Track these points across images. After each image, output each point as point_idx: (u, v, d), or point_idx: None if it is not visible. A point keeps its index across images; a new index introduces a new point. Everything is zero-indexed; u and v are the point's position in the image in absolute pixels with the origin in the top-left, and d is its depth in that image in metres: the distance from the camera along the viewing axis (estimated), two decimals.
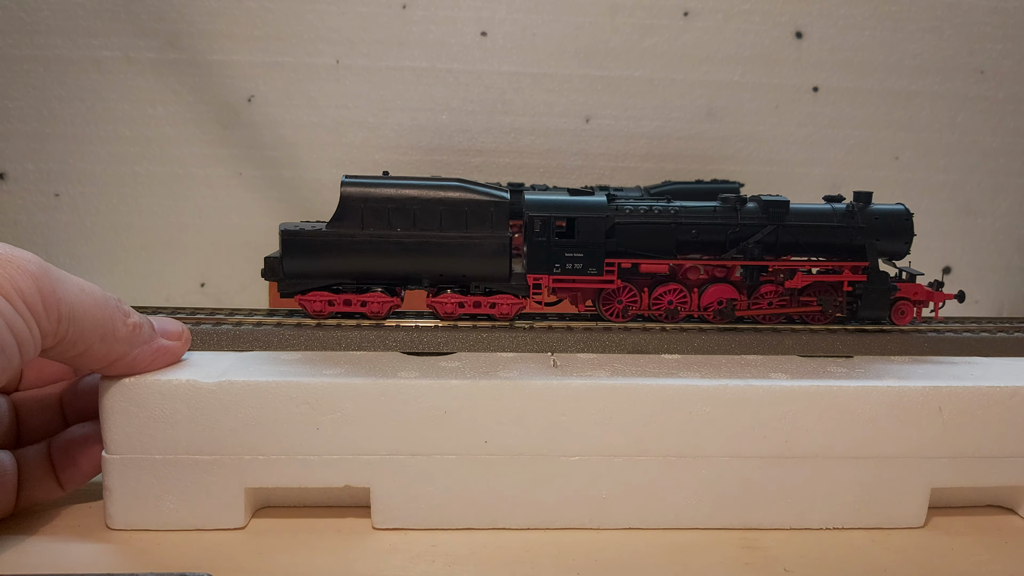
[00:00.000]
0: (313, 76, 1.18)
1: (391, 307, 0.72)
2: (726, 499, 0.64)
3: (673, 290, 0.73)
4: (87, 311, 0.54)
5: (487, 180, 1.13)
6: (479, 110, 1.22)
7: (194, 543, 0.61)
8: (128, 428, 0.61)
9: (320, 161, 1.17)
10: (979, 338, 0.75)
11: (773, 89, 1.24)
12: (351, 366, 0.65)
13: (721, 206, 0.73)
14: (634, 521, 0.64)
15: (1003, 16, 1.23)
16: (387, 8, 1.18)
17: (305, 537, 0.62)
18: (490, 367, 0.66)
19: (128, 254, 1.16)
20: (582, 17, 1.21)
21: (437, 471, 0.63)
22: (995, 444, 0.65)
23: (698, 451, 0.63)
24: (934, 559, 0.62)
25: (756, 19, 1.22)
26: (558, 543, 0.62)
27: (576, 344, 0.72)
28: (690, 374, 0.65)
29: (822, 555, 0.61)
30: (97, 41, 1.10)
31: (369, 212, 0.69)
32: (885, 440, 0.64)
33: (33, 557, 0.58)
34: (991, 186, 1.27)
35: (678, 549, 0.61)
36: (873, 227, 0.73)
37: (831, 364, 0.69)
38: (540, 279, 0.72)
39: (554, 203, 0.71)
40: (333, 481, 0.62)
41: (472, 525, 0.63)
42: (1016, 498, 0.69)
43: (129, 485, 0.61)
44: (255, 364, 0.65)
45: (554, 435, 0.63)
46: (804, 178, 1.26)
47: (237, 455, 0.61)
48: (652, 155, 1.25)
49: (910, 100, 1.26)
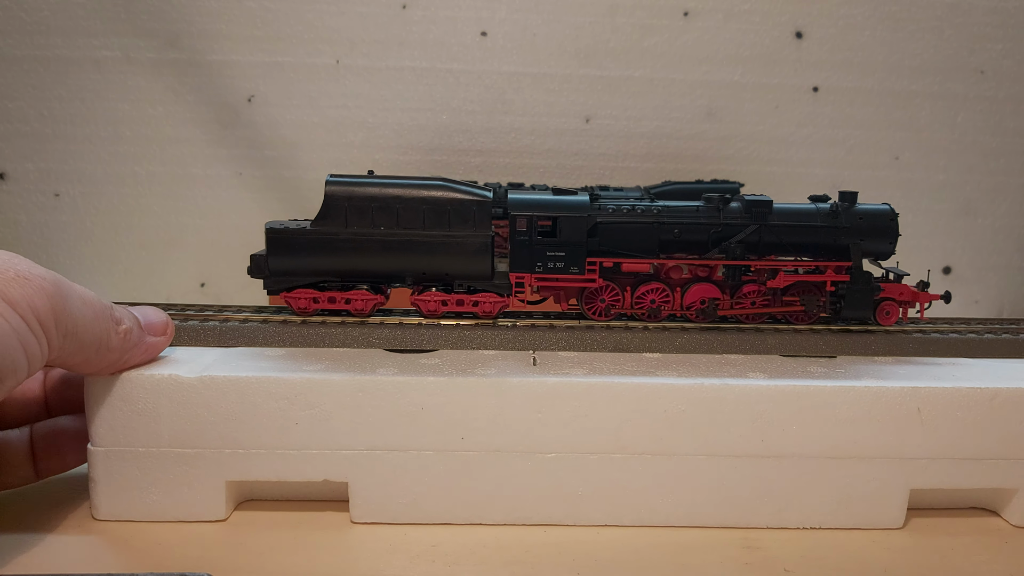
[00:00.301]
0: (313, 76, 1.19)
1: (375, 305, 0.73)
2: (701, 497, 0.65)
3: (655, 289, 0.74)
4: (87, 325, 0.56)
5: (487, 181, 1.14)
6: (479, 110, 1.22)
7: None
8: (113, 421, 0.62)
9: (320, 161, 1.18)
10: (965, 339, 0.75)
11: (773, 89, 1.24)
12: (332, 362, 0.66)
13: (704, 206, 0.73)
14: (609, 518, 0.65)
15: (1003, 16, 1.22)
16: (387, 8, 1.18)
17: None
18: (469, 364, 0.66)
19: (128, 254, 1.18)
20: (582, 17, 1.21)
21: (414, 466, 0.64)
22: (975, 446, 0.65)
23: (673, 449, 0.64)
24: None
25: (756, 19, 1.22)
26: (558, 543, 0.62)
27: (558, 342, 0.72)
28: (667, 373, 0.65)
29: (823, 556, 0.61)
30: (97, 41, 1.11)
31: (353, 211, 0.70)
32: (863, 440, 0.64)
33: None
34: (991, 186, 1.26)
35: (679, 550, 0.61)
36: (857, 227, 0.73)
37: (812, 364, 0.69)
38: (523, 278, 0.72)
39: (536, 202, 0.72)
40: (312, 475, 0.63)
41: (448, 520, 0.64)
42: (998, 500, 0.69)
43: (114, 477, 0.63)
44: (238, 360, 0.66)
45: (530, 432, 0.63)
46: (804, 178, 1.25)
47: (218, 449, 0.63)
48: (652, 155, 1.25)
49: (910, 100, 1.25)
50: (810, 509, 0.65)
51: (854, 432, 0.64)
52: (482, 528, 0.64)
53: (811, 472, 0.65)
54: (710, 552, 0.61)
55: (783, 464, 0.64)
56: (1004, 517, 0.68)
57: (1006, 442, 0.65)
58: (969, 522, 0.68)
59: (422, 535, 0.63)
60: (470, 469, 0.64)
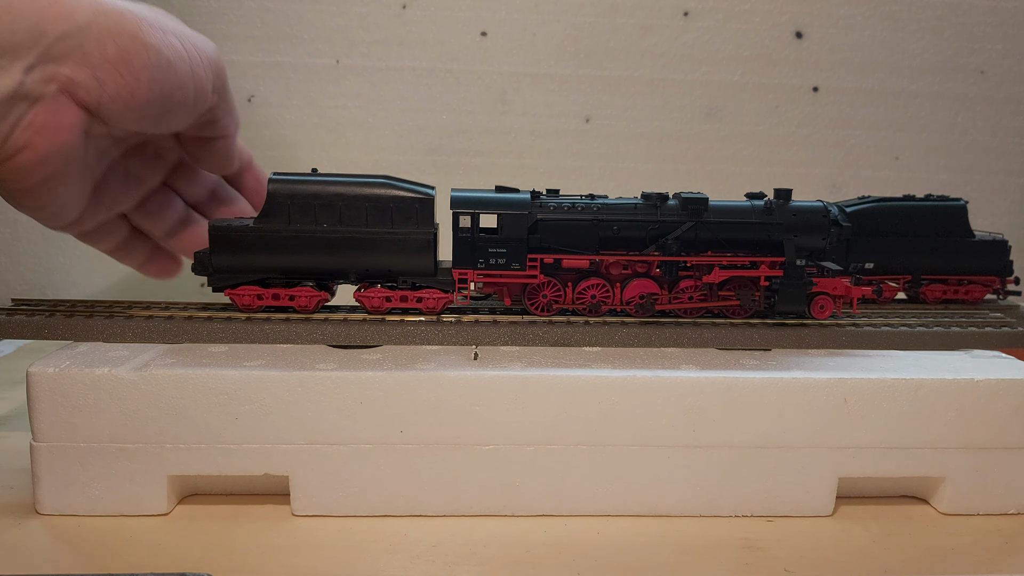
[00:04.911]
0: (313, 76, 1.19)
1: (319, 301, 0.74)
2: (635, 486, 0.66)
3: (596, 285, 0.75)
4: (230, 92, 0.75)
5: (487, 180, 1.15)
6: (479, 110, 1.23)
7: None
8: (54, 417, 0.63)
9: (320, 161, 1.18)
10: (897, 332, 0.77)
11: (773, 89, 1.25)
12: (273, 358, 0.67)
13: (642, 204, 0.75)
14: (545, 508, 0.66)
15: (1003, 16, 1.24)
16: (387, 8, 1.19)
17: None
18: (410, 359, 0.68)
19: None
20: (582, 17, 1.22)
21: (354, 460, 0.65)
22: (902, 435, 0.67)
23: (607, 440, 0.65)
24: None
25: (756, 19, 1.23)
26: (558, 542, 0.63)
27: (501, 337, 0.74)
28: (603, 365, 0.67)
29: (822, 556, 0.62)
30: None
31: (296, 208, 0.71)
32: (792, 430, 0.66)
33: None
34: (991, 186, 1.28)
35: (679, 549, 0.62)
36: (791, 223, 0.75)
37: (746, 357, 0.71)
38: (465, 274, 0.74)
39: (478, 199, 0.73)
40: (252, 469, 0.64)
41: (388, 512, 0.65)
42: (927, 488, 0.71)
43: (56, 472, 0.64)
44: (178, 356, 0.67)
45: (468, 425, 0.65)
46: (804, 178, 1.27)
47: (159, 444, 0.64)
48: (652, 155, 1.26)
49: (910, 100, 1.26)
50: (740, 498, 0.67)
51: (783, 422, 0.66)
52: (482, 528, 0.64)
53: (741, 461, 0.66)
54: (710, 552, 0.62)
55: (713, 454, 0.66)
56: (933, 505, 0.70)
57: (932, 431, 0.67)
58: (899, 509, 0.70)
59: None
60: (409, 462, 0.65)
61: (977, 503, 0.69)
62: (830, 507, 0.68)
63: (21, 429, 0.82)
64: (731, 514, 0.67)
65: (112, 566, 0.57)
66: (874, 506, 0.70)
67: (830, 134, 1.27)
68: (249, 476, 0.65)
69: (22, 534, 0.61)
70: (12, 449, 0.76)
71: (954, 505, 0.69)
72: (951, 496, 0.68)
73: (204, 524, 0.64)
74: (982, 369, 0.69)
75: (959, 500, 0.69)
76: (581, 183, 1.24)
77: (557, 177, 1.24)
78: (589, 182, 1.25)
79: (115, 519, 0.64)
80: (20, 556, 0.58)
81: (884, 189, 1.25)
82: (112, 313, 0.73)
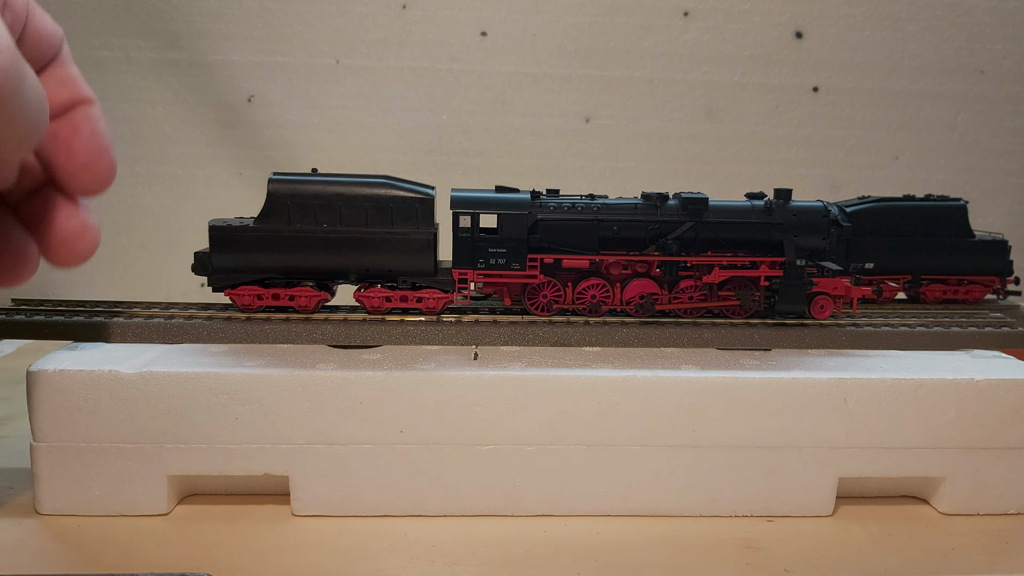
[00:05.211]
0: (313, 76, 1.19)
1: (319, 301, 0.74)
2: (635, 486, 0.66)
3: (596, 285, 0.75)
4: None
5: (487, 180, 1.14)
6: (479, 110, 1.23)
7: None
8: (54, 417, 0.63)
9: (320, 161, 1.18)
10: (897, 332, 0.77)
11: (773, 89, 1.25)
12: (273, 358, 0.67)
13: (642, 204, 0.75)
14: (545, 508, 0.66)
15: (1003, 16, 1.23)
16: (387, 8, 1.19)
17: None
18: (410, 359, 0.68)
19: (128, 254, 1.17)
20: (582, 17, 1.22)
21: (354, 460, 0.65)
22: (902, 435, 0.67)
23: (607, 440, 0.65)
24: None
25: (756, 19, 1.23)
26: (558, 542, 0.62)
27: (501, 337, 0.74)
28: (603, 365, 0.67)
29: (822, 556, 0.62)
30: (97, 41, 1.11)
31: (296, 208, 0.71)
32: (792, 430, 0.66)
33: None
34: (991, 186, 1.28)
35: (680, 549, 0.62)
36: (791, 223, 0.75)
37: (746, 357, 0.71)
38: (465, 274, 0.74)
39: (478, 199, 0.73)
40: (252, 469, 0.64)
41: (388, 512, 0.66)
42: (927, 488, 0.71)
43: (56, 472, 0.64)
44: (179, 356, 0.67)
45: (468, 425, 0.65)
46: (804, 178, 1.27)
47: (159, 443, 0.64)
48: (652, 155, 1.26)
49: (910, 100, 1.26)
50: (740, 498, 0.67)
51: (783, 422, 0.66)
52: (482, 528, 0.64)
53: (741, 461, 0.66)
54: (710, 552, 0.62)
55: (714, 454, 0.66)
56: (933, 505, 0.70)
57: (932, 431, 0.67)
58: (899, 509, 0.70)
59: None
60: (409, 462, 0.65)
61: (977, 503, 0.69)
62: (830, 507, 0.68)
63: (21, 429, 0.82)
64: (731, 514, 0.67)
65: (112, 566, 0.57)
66: (874, 506, 0.70)
67: (830, 134, 1.27)
68: (249, 476, 0.65)
69: (22, 534, 0.61)
70: (12, 449, 0.77)
71: (954, 505, 0.69)
72: (951, 496, 0.68)
73: (204, 524, 0.64)
74: (982, 369, 0.69)
75: (959, 500, 0.68)
76: (581, 183, 1.24)
77: (557, 177, 1.24)
78: (589, 182, 1.25)
79: (115, 519, 0.64)
80: (20, 556, 0.58)
81: (884, 189, 1.24)
82: (112, 313, 0.73)
